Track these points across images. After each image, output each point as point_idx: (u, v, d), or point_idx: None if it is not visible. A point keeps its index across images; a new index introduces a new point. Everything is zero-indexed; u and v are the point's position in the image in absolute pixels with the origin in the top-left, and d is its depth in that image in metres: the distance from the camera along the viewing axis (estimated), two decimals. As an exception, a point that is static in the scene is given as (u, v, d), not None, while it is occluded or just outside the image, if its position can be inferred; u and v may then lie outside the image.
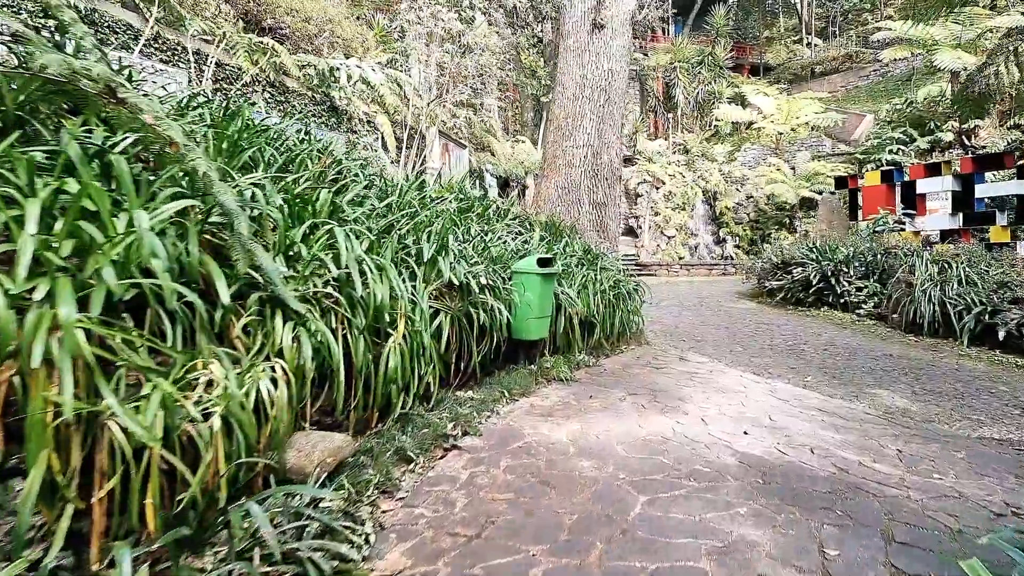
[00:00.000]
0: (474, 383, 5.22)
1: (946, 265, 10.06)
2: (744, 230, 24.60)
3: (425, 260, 4.61)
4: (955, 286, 9.51)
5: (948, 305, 9.38)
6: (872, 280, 11.19)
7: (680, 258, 23.93)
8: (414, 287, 4.46)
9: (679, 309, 11.94)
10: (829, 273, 11.54)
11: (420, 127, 11.80)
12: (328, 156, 4.94)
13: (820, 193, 22.00)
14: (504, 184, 18.85)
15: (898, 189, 14.91)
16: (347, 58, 11.11)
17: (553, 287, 5.93)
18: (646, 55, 30.99)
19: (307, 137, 5.51)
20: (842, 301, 11.31)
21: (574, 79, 8.21)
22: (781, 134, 25.95)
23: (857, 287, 11.21)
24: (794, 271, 12.25)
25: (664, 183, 24.92)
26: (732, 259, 23.44)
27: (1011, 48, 15.69)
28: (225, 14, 10.26)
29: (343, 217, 4.26)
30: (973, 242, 13.71)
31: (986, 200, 13.22)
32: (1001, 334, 8.63)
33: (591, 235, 8.22)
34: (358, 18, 12.85)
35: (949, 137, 21.87)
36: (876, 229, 12.23)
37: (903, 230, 13.66)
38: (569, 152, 8.23)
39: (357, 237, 4.00)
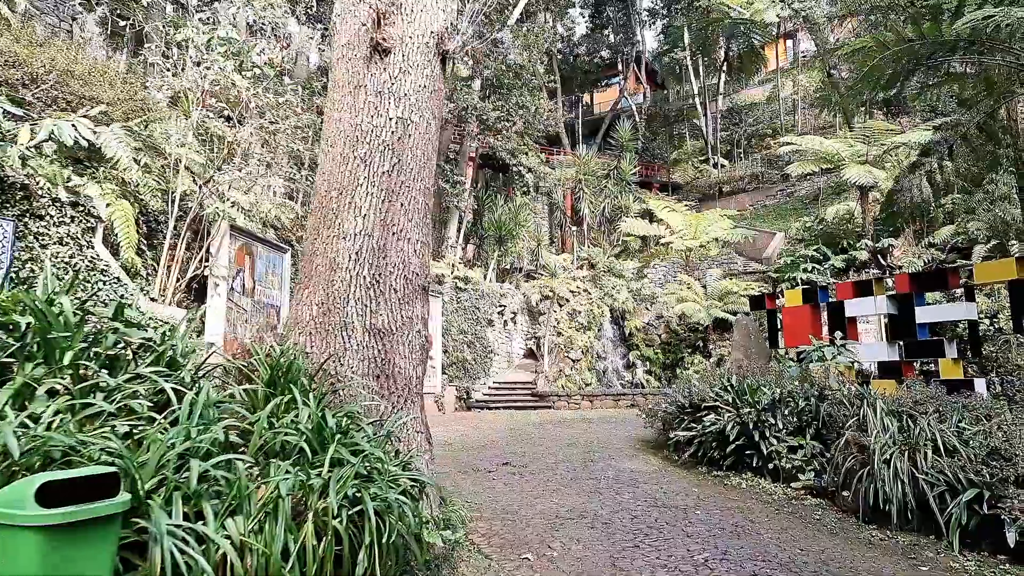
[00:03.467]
0: None
1: (909, 420, 7.19)
2: (656, 353, 21.93)
3: None
4: (929, 455, 6.57)
5: (923, 484, 6.37)
6: (808, 436, 8.19)
7: (586, 384, 20.85)
8: None
9: (550, 476, 8.50)
10: (751, 424, 8.49)
11: (192, 214, 8.46)
12: None
13: (734, 314, 19.75)
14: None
15: (824, 311, 12.50)
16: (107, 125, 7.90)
17: (111, 550, 2.44)
18: (553, 168, 29.44)
19: None
20: (771, 466, 8.19)
21: (343, 132, 5.17)
22: (691, 250, 24.16)
23: (789, 446, 8.16)
24: (706, 419, 9.17)
25: (567, 300, 22.26)
26: (643, 386, 20.53)
27: (928, 165, 14.18)
28: None
29: None
30: (917, 376, 11.21)
31: (929, 327, 10.83)
32: (1011, 538, 5.60)
33: (363, 384, 4.85)
34: (146, 85, 9.70)
35: (864, 256, 20.42)
36: (810, 362, 9.44)
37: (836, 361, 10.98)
38: (332, 247, 5.01)
39: None
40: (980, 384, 10.03)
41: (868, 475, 6.82)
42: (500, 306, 20.32)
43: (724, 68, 37.23)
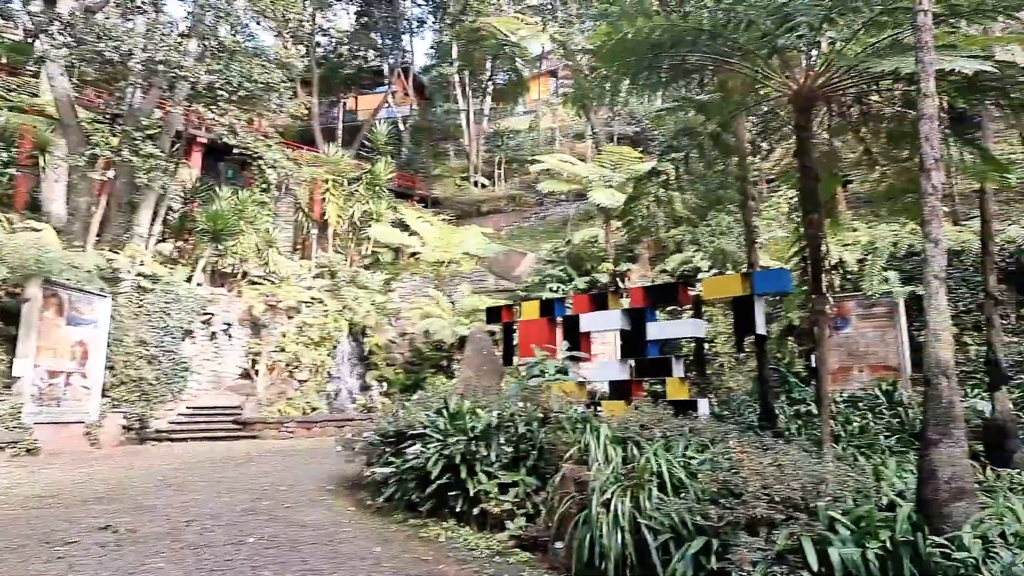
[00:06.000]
0: None
1: (635, 448, 5.88)
2: (397, 373, 19.90)
3: None
4: (654, 493, 5.23)
5: (646, 531, 4.99)
6: (523, 469, 6.59)
7: (313, 409, 18.00)
8: None
9: (164, 545, 5.77)
10: (458, 457, 6.68)
11: None
12: None
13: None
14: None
15: (560, 325, 11.45)
16: None
17: None
18: (299, 165, 26.24)
19: None
20: (477, 510, 6.41)
21: None
22: (442, 264, 22.74)
23: (502, 484, 6.47)
24: (409, 450, 7.20)
25: (298, 311, 19.29)
26: (379, 410, 18.27)
27: (655, 193, 14.15)
28: None
29: None
30: (644, 396, 10.53)
31: (660, 343, 10.20)
32: (744, 600, 4.35)
33: None
34: None
35: (605, 279, 20.72)
36: (529, 378, 7.96)
37: (565, 379, 9.77)
38: None
39: None
40: (703, 404, 9.48)
41: (585, 521, 5.31)
42: (206, 314, 16.68)
43: (490, 91, 37.27)
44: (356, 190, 25.26)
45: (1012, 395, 8.76)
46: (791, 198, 19.23)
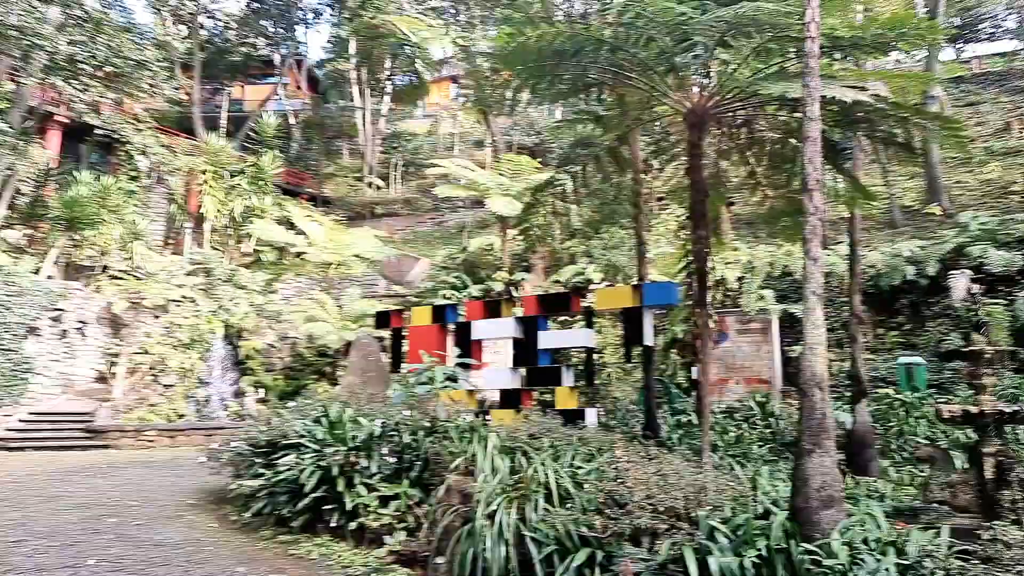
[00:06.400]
0: None
1: (523, 459, 5.71)
2: (276, 380, 18.78)
3: None
4: (540, 504, 5.08)
5: (530, 543, 4.82)
6: (407, 481, 6.24)
7: (180, 416, 16.59)
8: None
9: None
10: (336, 468, 6.23)
11: None
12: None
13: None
14: None
15: (452, 332, 11.18)
16: None
17: None
18: (175, 153, 24.35)
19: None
20: (354, 525, 6.00)
21: None
22: (331, 265, 21.81)
23: (382, 496, 6.08)
24: (281, 462, 6.66)
25: (167, 310, 17.77)
26: (253, 418, 17.15)
27: (551, 204, 14.29)
28: None
29: None
30: (534, 405, 10.46)
31: (551, 352, 10.16)
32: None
33: None
34: None
35: (499, 287, 20.69)
36: (417, 385, 7.63)
37: (455, 387, 9.51)
38: None
39: None
40: (591, 414, 9.49)
41: (469, 535, 5.06)
42: (56, 310, 14.96)
43: (389, 91, 36.50)
44: (238, 184, 23.78)
45: (870, 408, 9.47)
46: (680, 216, 20.06)
